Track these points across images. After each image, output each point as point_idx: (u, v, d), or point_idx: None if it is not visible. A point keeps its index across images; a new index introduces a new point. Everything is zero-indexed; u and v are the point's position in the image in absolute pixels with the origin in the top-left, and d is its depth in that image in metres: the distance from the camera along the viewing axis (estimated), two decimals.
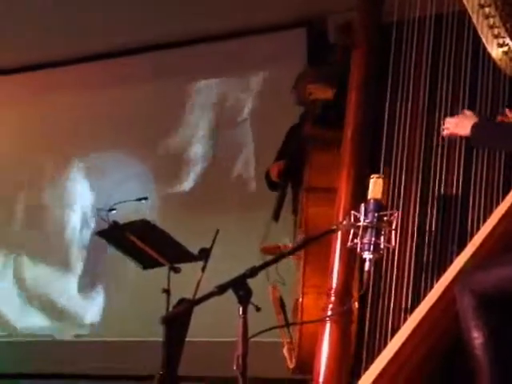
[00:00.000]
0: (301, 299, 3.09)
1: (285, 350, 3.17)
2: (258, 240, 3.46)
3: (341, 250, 2.69)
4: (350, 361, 2.68)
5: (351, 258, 2.67)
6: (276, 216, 3.44)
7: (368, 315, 2.62)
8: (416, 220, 2.75)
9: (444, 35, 2.88)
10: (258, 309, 2.30)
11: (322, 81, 3.60)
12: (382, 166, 2.71)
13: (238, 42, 5.67)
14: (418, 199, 2.76)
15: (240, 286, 2.24)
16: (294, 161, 3.46)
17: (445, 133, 2.66)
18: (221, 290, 2.21)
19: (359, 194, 2.71)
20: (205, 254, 4.09)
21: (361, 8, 3.01)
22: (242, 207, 5.36)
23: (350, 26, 3.70)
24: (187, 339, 4.10)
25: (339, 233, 2.60)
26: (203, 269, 4.09)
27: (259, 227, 3.54)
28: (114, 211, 4.22)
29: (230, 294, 2.20)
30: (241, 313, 2.21)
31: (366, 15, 3.00)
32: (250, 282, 2.21)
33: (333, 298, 2.67)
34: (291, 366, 3.08)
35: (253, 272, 2.30)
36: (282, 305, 3.24)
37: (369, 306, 2.61)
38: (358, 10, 3.02)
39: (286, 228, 3.60)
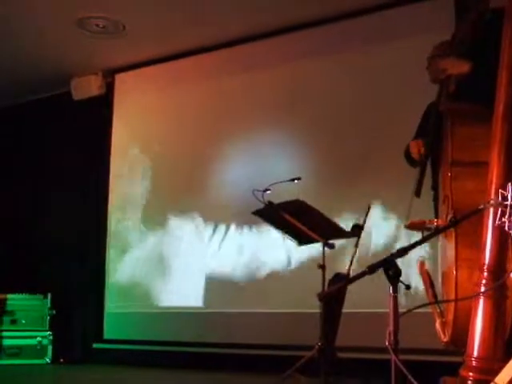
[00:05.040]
0: (455, 272, 3.10)
1: (437, 324, 3.20)
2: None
3: (493, 226, 2.69)
4: (506, 336, 2.68)
5: (504, 233, 2.67)
6: (418, 192, 3.48)
7: None
8: None
9: None
10: (407, 287, 2.40)
11: (453, 54, 3.55)
12: None
13: (383, 14, 5.70)
14: None
15: (389, 266, 2.36)
16: (433, 137, 3.48)
17: None
18: (371, 269, 2.34)
19: (510, 171, 2.70)
20: (357, 231, 4.20)
21: None
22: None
23: None
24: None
25: (491, 209, 2.61)
26: (356, 244, 4.21)
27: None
28: (268, 191, 4.40)
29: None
30: (391, 291, 2.33)
31: None
32: None
33: (486, 274, 2.68)
34: (445, 339, 3.11)
35: (402, 252, 2.40)
36: (430, 279, 3.28)
37: None
38: None
39: (427, 203, 3.63)
